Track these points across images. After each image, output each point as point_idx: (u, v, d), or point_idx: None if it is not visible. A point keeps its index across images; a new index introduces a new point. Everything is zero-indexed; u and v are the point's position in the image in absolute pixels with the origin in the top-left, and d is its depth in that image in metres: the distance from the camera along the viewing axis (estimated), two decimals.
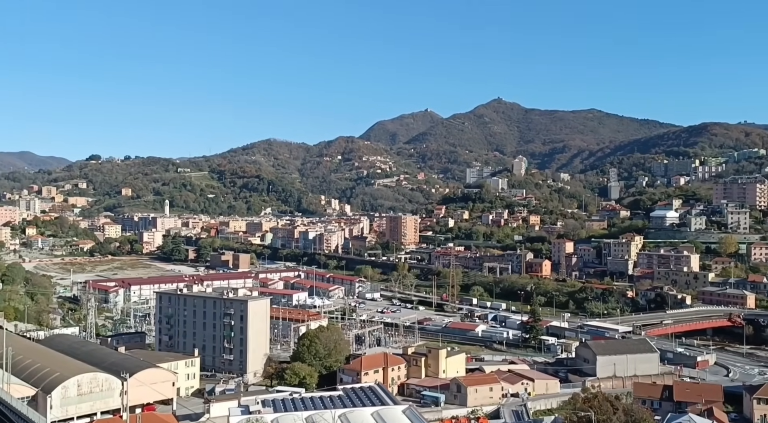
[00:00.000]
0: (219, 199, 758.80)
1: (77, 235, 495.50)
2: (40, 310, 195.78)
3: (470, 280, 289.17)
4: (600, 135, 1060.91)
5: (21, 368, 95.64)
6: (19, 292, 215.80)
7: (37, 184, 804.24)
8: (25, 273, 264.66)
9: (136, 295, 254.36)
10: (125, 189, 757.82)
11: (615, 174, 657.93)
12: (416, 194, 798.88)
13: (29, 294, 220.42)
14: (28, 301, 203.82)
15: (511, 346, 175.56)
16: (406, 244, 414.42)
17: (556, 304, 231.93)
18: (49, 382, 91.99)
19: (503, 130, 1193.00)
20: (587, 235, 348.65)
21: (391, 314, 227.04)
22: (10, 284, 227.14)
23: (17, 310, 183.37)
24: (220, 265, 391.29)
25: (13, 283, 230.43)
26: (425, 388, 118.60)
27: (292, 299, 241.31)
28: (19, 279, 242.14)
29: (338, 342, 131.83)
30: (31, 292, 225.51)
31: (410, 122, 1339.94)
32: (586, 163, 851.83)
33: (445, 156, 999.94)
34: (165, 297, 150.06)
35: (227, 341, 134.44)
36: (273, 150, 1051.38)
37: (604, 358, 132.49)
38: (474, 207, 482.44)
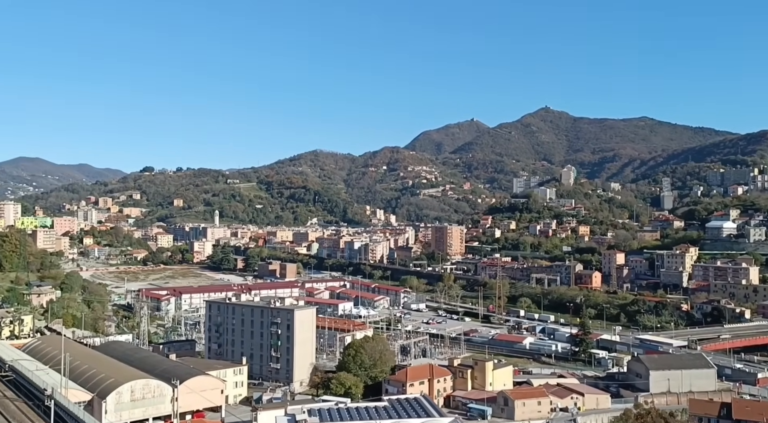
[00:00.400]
0: (267, 210, 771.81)
1: (131, 245, 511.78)
2: (96, 318, 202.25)
3: (517, 291, 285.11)
4: (652, 143, 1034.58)
5: (78, 373, 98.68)
6: (76, 300, 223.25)
7: (94, 195, 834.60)
8: (82, 281, 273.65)
9: (186, 303, 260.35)
10: (177, 200, 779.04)
11: (668, 183, 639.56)
12: (462, 204, 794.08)
13: (86, 302, 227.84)
14: (85, 308, 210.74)
15: (560, 359, 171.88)
16: (451, 255, 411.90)
17: (607, 316, 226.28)
18: (104, 387, 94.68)
19: (551, 139, 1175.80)
20: (639, 246, 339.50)
21: (436, 325, 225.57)
22: (68, 292, 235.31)
23: (75, 317, 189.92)
24: (267, 274, 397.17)
25: (72, 291, 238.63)
26: (472, 400, 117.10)
27: (337, 309, 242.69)
28: (76, 287, 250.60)
29: (383, 352, 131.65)
30: (88, 300, 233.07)
31: (456, 132, 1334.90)
32: (638, 173, 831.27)
33: (492, 166, 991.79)
34: (214, 306, 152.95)
35: (274, 350, 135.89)
36: (319, 161, 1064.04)
37: (658, 372, 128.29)
38: (521, 217, 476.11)
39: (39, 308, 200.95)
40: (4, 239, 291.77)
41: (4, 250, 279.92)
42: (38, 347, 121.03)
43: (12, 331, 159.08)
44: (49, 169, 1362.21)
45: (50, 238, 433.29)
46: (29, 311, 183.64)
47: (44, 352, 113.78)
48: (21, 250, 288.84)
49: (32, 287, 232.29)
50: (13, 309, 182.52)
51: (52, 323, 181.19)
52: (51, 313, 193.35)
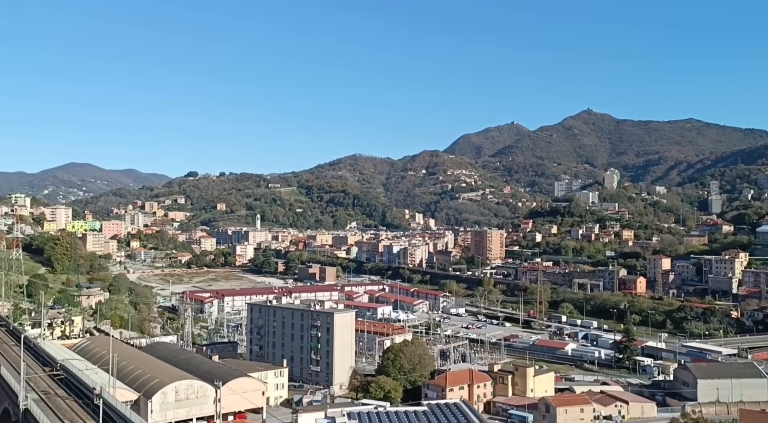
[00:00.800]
0: (307, 214, 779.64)
1: (176, 248, 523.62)
2: (142, 319, 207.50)
3: (559, 296, 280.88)
4: (699, 146, 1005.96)
5: (125, 373, 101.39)
6: (123, 302, 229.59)
7: (140, 199, 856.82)
8: (129, 283, 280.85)
9: (229, 305, 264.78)
10: (220, 204, 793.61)
11: (716, 187, 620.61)
12: (502, 208, 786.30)
13: (133, 303, 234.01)
14: (131, 310, 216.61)
15: (603, 366, 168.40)
16: (491, 259, 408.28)
17: (652, 323, 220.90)
18: (150, 387, 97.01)
19: (593, 142, 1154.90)
20: (686, 251, 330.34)
21: (476, 330, 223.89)
22: (116, 294, 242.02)
23: (122, 318, 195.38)
24: (307, 277, 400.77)
25: (119, 293, 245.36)
26: (512, 406, 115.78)
27: (376, 312, 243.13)
28: (124, 289, 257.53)
29: (423, 357, 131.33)
30: (135, 301, 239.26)
31: (496, 135, 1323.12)
32: (684, 176, 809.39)
33: (532, 169, 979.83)
34: (256, 308, 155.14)
35: (314, 353, 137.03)
36: (358, 165, 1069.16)
37: (706, 381, 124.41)
38: (563, 221, 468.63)
39: (88, 309, 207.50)
40: (56, 242, 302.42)
41: (56, 252, 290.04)
42: (87, 347, 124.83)
43: (63, 332, 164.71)
44: (98, 174, 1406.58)
45: (99, 242, 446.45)
46: (79, 312, 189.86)
47: (93, 352, 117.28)
48: (72, 252, 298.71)
49: (82, 289, 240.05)
50: (65, 310, 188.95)
51: (101, 324, 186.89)
52: (99, 314, 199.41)
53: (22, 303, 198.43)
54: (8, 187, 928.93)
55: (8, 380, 72.99)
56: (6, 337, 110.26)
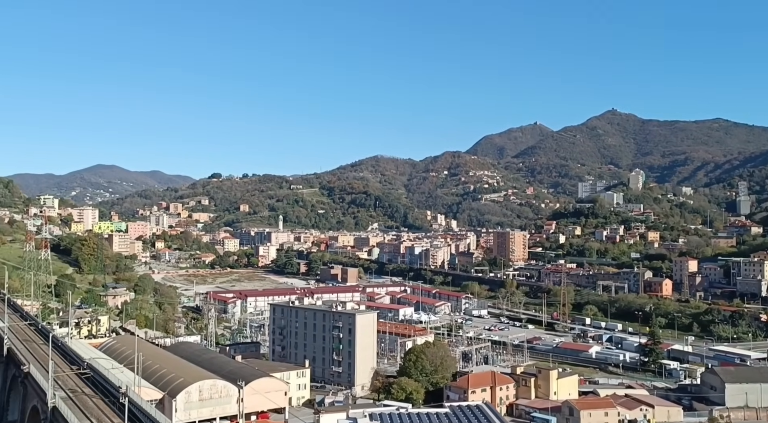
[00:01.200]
0: (329, 215, 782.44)
1: (200, 249, 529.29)
2: (167, 319, 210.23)
3: (583, 298, 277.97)
4: (727, 146, 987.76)
5: (150, 372, 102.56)
6: (149, 302, 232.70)
7: (165, 200, 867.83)
8: (154, 284, 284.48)
9: (251, 306, 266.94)
10: (243, 205, 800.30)
11: (745, 187, 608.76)
12: (525, 209, 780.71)
13: (157, 303, 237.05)
14: (156, 310, 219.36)
15: (628, 369, 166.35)
16: (514, 261, 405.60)
17: (678, 326, 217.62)
18: (174, 386, 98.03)
19: (618, 142, 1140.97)
20: (713, 253, 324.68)
21: (498, 332, 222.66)
22: (141, 294, 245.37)
23: (147, 318, 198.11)
24: (329, 278, 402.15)
25: (144, 293, 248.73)
26: (535, 409, 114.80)
27: (398, 314, 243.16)
28: (149, 289, 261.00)
29: (445, 358, 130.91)
30: (159, 301, 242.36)
31: (518, 136, 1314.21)
32: (711, 176, 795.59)
33: (556, 170, 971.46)
34: (278, 309, 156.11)
35: (336, 353, 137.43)
36: (380, 166, 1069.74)
37: (735, 386, 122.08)
38: (586, 222, 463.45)
39: (114, 309, 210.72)
40: (83, 243, 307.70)
41: (83, 253, 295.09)
42: (114, 346, 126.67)
43: (90, 331, 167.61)
44: (124, 175, 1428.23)
45: (125, 242, 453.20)
46: (105, 312, 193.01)
47: (119, 352, 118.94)
48: (98, 253, 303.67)
49: (108, 289, 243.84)
50: (91, 309, 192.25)
51: (126, 324, 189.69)
52: (125, 313, 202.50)
53: (51, 302, 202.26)
54: (37, 189, 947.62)
55: (37, 378, 74.41)
56: (35, 336, 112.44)
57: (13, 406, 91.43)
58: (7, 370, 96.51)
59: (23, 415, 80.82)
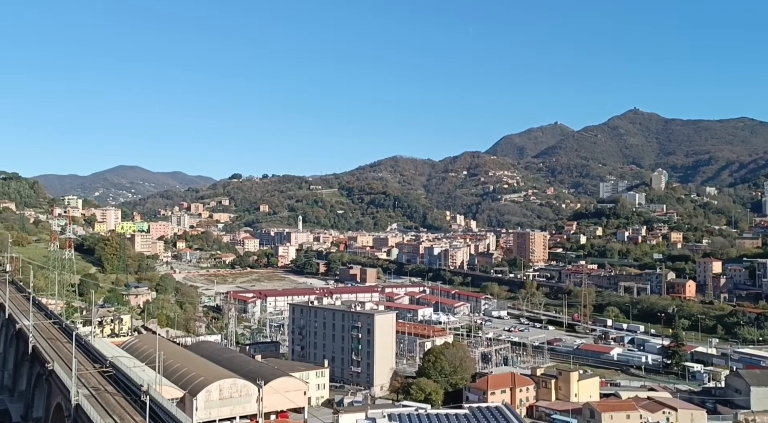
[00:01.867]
0: (348, 215, 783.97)
1: (220, 249, 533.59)
2: (188, 318, 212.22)
3: (604, 300, 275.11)
4: (752, 145, 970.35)
5: (171, 371, 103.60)
6: (170, 301, 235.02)
7: (186, 201, 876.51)
8: (175, 283, 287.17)
9: (271, 306, 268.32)
10: (263, 205, 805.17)
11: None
12: (545, 210, 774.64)
13: (179, 303, 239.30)
14: (177, 309, 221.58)
15: (650, 371, 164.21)
16: (534, 262, 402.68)
17: (702, 328, 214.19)
18: (195, 385, 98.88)
19: (640, 142, 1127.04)
20: (738, 254, 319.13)
21: (518, 333, 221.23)
22: (162, 293, 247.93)
23: (168, 317, 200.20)
24: (348, 278, 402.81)
25: (166, 293, 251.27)
26: (556, 411, 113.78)
27: (417, 314, 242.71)
28: (170, 289, 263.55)
29: (464, 359, 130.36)
30: (180, 301, 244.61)
31: (539, 135, 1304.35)
32: (736, 176, 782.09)
33: (576, 170, 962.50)
34: (297, 309, 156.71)
35: (355, 354, 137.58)
36: (399, 167, 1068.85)
37: (760, 389, 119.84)
38: (608, 223, 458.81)
39: (136, 308, 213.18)
40: (106, 243, 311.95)
41: (106, 253, 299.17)
42: (135, 345, 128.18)
43: (112, 330, 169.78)
44: (146, 176, 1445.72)
45: (147, 242, 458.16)
46: (128, 311, 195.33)
47: (141, 350, 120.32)
48: (121, 253, 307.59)
49: (130, 288, 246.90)
50: (114, 308, 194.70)
51: (148, 323, 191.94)
52: (147, 313, 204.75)
53: (74, 301, 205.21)
54: (62, 190, 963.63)
55: (61, 376, 75.49)
56: (59, 334, 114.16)
57: (37, 403, 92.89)
58: (32, 368, 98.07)
59: (47, 412, 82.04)
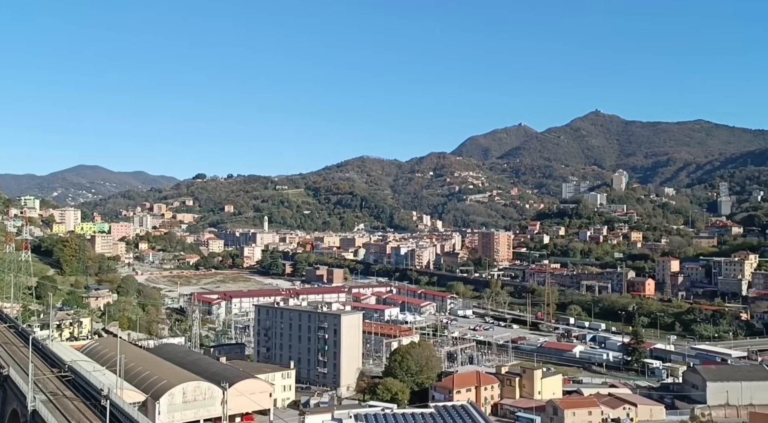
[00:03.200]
0: (314, 215, 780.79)
1: (184, 250, 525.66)
2: (150, 321, 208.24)
3: (567, 298, 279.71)
4: (708, 147, 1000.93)
5: (133, 375, 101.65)
6: (132, 303, 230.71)
7: (149, 201, 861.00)
8: (137, 285, 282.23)
9: (236, 307, 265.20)
10: (228, 206, 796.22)
11: (726, 188, 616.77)
12: (509, 210, 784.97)
13: (141, 305, 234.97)
14: (139, 311, 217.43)
15: (612, 368, 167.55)
16: (499, 261, 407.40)
17: (661, 325, 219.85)
18: (157, 388, 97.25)
19: (601, 143, 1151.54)
20: (695, 253, 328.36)
21: (483, 332, 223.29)
22: (124, 295, 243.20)
23: (130, 319, 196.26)
24: (314, 279, 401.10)
25: (127, 295, 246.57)
26: (520, 409, 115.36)
27: (384, 314, 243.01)
28: (132, 291, 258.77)
29: (430, 358, 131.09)
30: (143, 303, 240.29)
31: (503, 137, 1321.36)
32: (693, 177, 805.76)
33: (540, 171, 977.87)
34: (263, 310, 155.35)
35: (321, 354, 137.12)
36: (366, 167, 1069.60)
37: (716, 384, 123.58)
38: (570, 223, 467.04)
39: (97, 311, 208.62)
40: (65, 244, 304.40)
41: (65, 254, 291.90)
42: (96, 349, 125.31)
43: (71, 333, 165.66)
44: (107, 176, 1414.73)
45: (108, 243, 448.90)
46: (88, 314, 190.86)
47: (101, 354, 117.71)
48: (80, 254, 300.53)
49: (90, 290, 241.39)
50: (73, 311, 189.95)
51: (109, 325, 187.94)
52: (108, 315, 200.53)
53: (31, 305, 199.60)
54: (18, 190, 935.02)
55: (17, 382, 73.43)
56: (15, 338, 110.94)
57: None
58: None
59: (2, 418, 79.70)
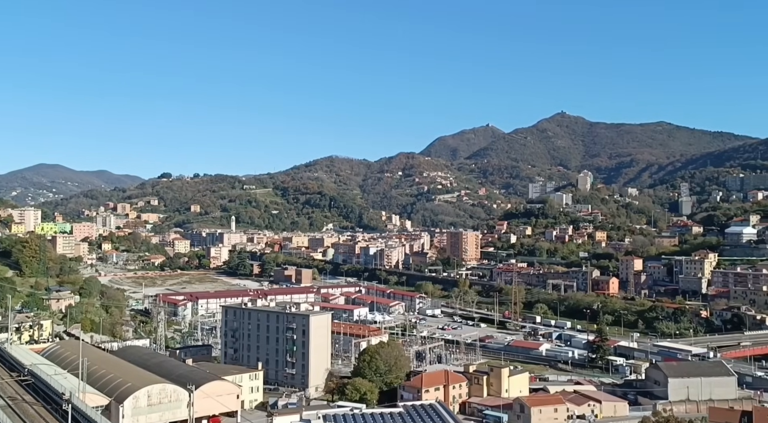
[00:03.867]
0: (282, 215, 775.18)
1: (149, 250, 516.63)
2: (114, 322, 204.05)
3: (533, 297, 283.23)
4: (670, 148, 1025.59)
5: (96, 378, 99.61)
6: (95, 305, 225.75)
7: (112, 201, 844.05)
8: (100, 286, 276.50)
9: (203, 308, 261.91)
10: (194, 205, 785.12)
11: (686, 188, 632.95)
12: (477, 210, 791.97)
13: (104, 307, 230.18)
14: (103, 313, 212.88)
15: (577, 366, 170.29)
16: (467, 261, 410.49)
17: (624, 323, 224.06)
18: (121, 391, 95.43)
19: (567, 144, 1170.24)
20: (657, 252, 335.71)
21: (452, 331, 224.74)
22: (87, 297, 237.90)
23: (93, 322, 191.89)
24: (283, 279, 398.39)
25: (90, 296, 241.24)
26: (487, 407, 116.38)
27: (353, 314, 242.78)
28: (95, 292, 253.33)
29: (399, 358, 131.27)
30: (106, 304, 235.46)
31: (471, 137, 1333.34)
32: (655, 178, 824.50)
33: (507, 171, 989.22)
34: (230, 311, 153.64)
35: (290, 355, 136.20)
36: (335, 167, 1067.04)
37: (677, 380, 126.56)
38: (537, 223, 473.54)
39: (58, 313, 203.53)
40: (24, 245, 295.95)
41: (25, 255, 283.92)
42: (57, 352, 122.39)
43: (31, 336, 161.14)
44: (68, 175, 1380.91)
45: (69, 244, 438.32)
46: (48, 316, 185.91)
47: (63, 357, 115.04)
48: (41, 255, 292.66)
49: (51, 292, 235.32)
50: (33, 314, 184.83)
51: (71, 328, 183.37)
52: (70, 317, 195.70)
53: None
54: None
55: None
56: None
57: None
58: None
59: None
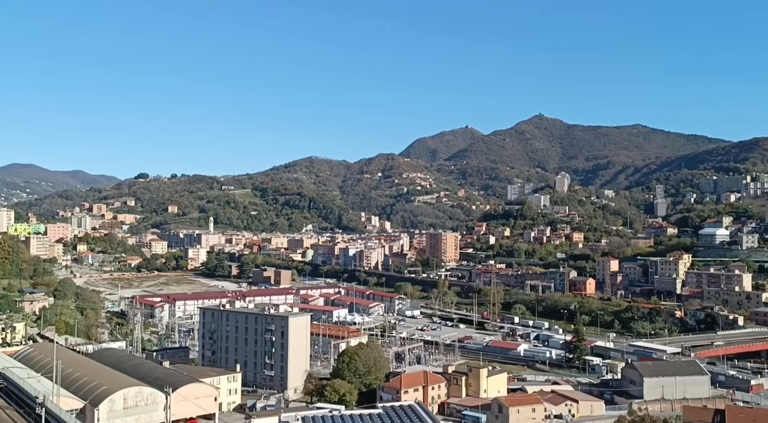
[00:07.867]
0: (261, 216, 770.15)
1: (125, 252, 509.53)
2: (89, 325, 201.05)
3: (512, 298, 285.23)
4: (645, 151, 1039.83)
5: (70, 381, 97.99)
6: (69, 307, 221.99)
7: (88, 201, 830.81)
8: (75, 288, 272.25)
9: (180, 310, 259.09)
10: (171, 206, 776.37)
11: (661, 190, 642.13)
12: (456, 211, 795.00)
13: (79, 309, 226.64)
14: (78, 315, 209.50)
15: (555, 366, 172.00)
16: (446, 262, 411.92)
17: (601, 323, 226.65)
18: (96, 395, 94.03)
19: (545, 146, 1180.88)
20: (633, 253, 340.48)
21: (431, 332, 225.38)
22: (61, 299, 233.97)
23: (68, 324, 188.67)
24: (262, 281, 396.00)
25: (65, 298, 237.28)
26: (466, 407, 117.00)
27: (332, 316, 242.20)
28: (70, 294, 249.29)
29: (378, 359, 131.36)
30: (81, 306, 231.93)
31: (451, 139, 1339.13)
32: (631, 180, 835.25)
33: (486, 173, 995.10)
34: (208, 312, 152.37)
35: (268, 357, 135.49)
36: (314, 167, 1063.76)
37: (652, 379, 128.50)
38: (515, 224, 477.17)
39: (31, 315, 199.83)
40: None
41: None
42: (30, 355, 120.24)
43: (4, 339, 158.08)
44: (43, 175, 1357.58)
45: (43, 245, 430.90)
46: (21, 318, 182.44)
47: (36, 360, 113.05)
48: (14, 256, 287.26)
49: (25, 294, 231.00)
50: (5, 316, 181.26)
51: (45, 330, 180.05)
52: (44, 320, 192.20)
53: None
54: None
55: None
56: None
57: None
58: None
59: None
